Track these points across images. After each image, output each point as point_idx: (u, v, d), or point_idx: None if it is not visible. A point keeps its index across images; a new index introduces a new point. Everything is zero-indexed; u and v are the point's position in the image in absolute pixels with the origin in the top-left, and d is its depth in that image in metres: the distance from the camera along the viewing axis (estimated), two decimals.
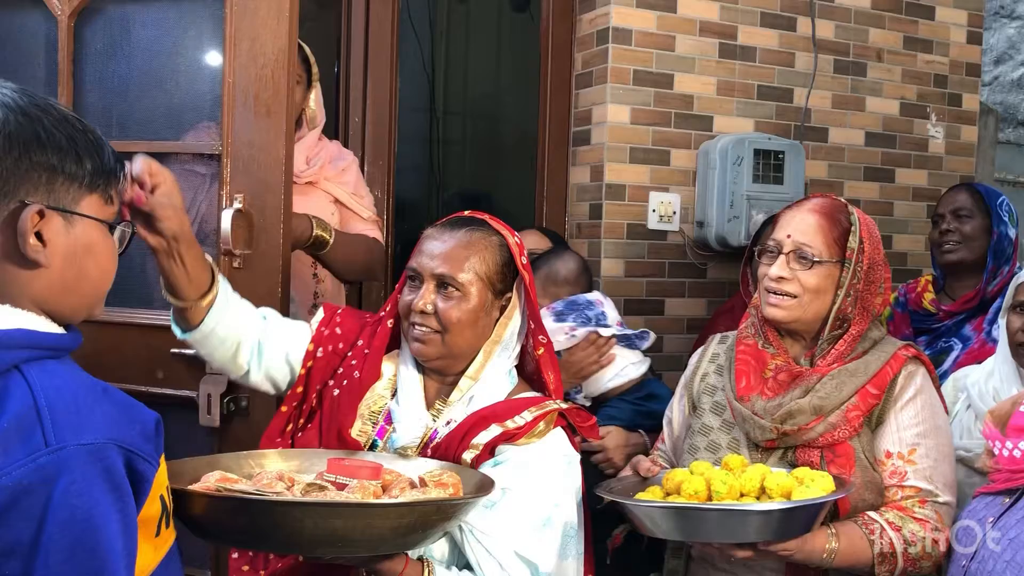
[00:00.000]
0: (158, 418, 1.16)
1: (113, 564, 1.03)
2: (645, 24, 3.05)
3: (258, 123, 2.07)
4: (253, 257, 2.08)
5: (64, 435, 1.01)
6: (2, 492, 0.99)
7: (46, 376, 1.06)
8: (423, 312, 1.62)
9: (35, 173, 1.09)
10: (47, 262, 1.11)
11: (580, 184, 3.16)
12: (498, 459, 1.59)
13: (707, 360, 1.96)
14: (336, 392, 1.69)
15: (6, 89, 1.12)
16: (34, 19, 2.34)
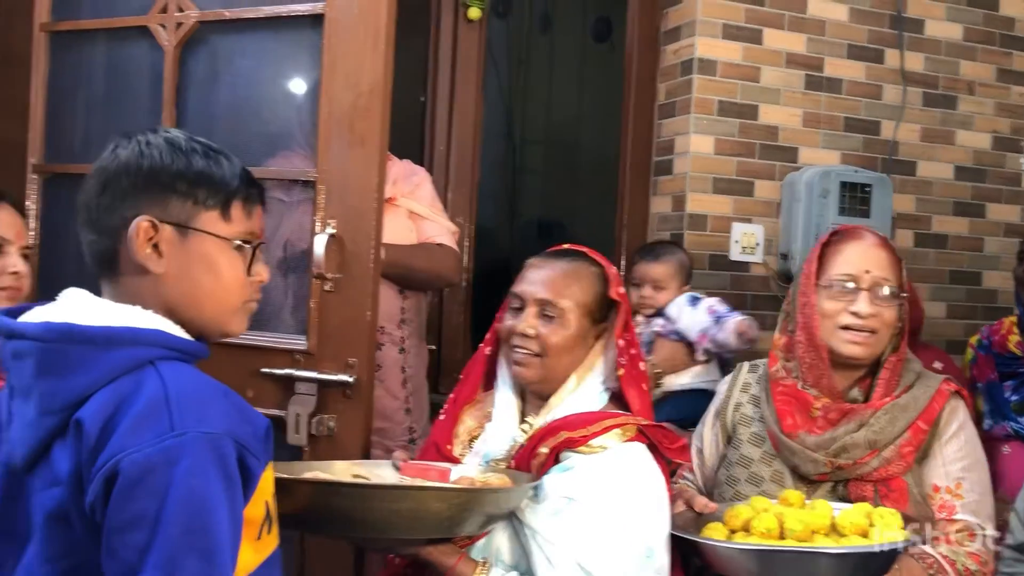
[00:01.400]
0: (268, 424, 1.26)
1: (222, 546, 1.12)
2: (730, 55, 3.05)
3: (353, 151, 2.12)
4: (344, 281, 2.13)
5: (188, 422, 1.12)
6: (133, 467, 1.10)
7: (176, 372, 1.18)
8: (524, 335, 1.69)
9: (152, 191, 1.24)
10: (159, 269, 1.24)
11: (661, 213, 3.16)
12: (564, 466, 1.62)
13: (738, 389, 1.93)
14: (442, 417, 1.81)
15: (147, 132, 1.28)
16: (142, 49, 2.44)
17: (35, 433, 1.19)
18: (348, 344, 2.13)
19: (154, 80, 2.40)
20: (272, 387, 2.20)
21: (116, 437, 1.12)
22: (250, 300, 1.34)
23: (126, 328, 1.20)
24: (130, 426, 1.13)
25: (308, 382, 2.14)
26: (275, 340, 2.21)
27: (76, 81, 2.62)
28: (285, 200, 2.31)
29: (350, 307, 2.13)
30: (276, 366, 2.18)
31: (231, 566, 1.14)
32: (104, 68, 2.61)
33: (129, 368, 1.17)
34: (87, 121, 2.67)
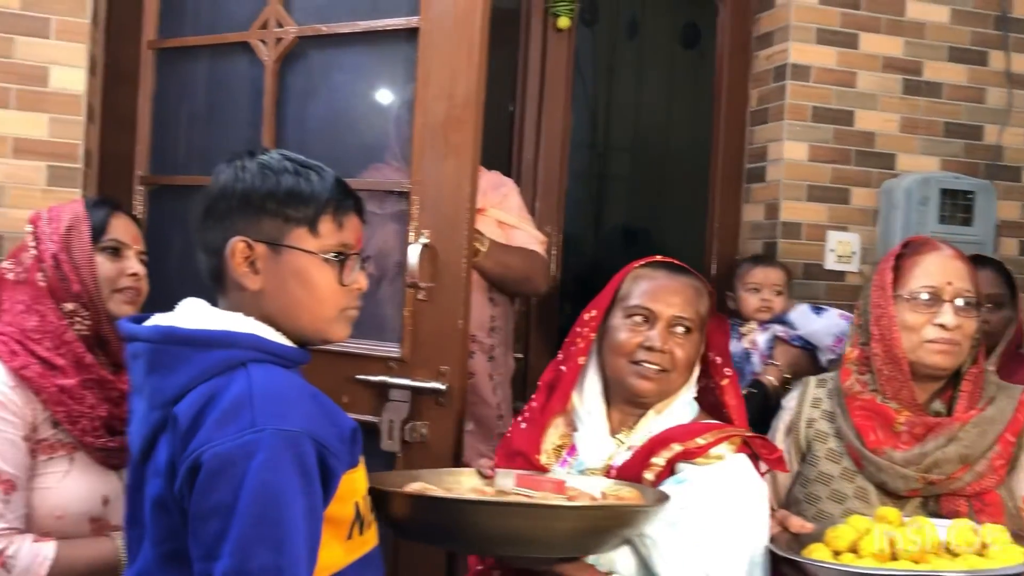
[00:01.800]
0: (355, 427, 1.32)
1: (293, 539, 1.17)
2: (825, 60, 3.00)
3: (446, 162, 2.14)
4: (437, 290, 2.15)
5: (267, 420, 1.19)
6: (214, 459, 1.18)
7: (264, 373, 1.26)
8: (655, 350, 1.68)
9: (246, 213, 1.33)
10: (255, 286, 1.33)
11: (753, 221, 3.11)
12: (679, 477, 1.63)
13: (809, 404, 1.88)
14: (523, 426, 1.79)
15: (244, 156, 1.38)
16: (243, 64, 2.52)
17: (145, 427, 1.29)
18: (440, 352, 2.16)
19: (254, 94, 2.48)
20: (366, 394, 2.24)
21: (203, 430, 1.20)
22: (348, 308, 1.40)
23: (222, 331, 1.28)
24: (215, 420, 1.20)
25: (401, 389, 2.18)
26: (370, 348, 2.25)
27: (180, 96, 2.72)
28: (379, 212, 2.36)
29: (443, 315, 2.16)
30: (370, 373, 2.22)
31: (304, 559, 1.19)
32: (206, 83, 2.70)
33: (223, 368, 1.25)
34: (190, 134, 2.77)
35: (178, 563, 1.22)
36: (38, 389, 1.69)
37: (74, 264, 1.76)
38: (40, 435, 1.70)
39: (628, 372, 1.70)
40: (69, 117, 2.52)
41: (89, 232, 1.79)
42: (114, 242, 1.82)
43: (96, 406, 1.73)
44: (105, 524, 1.75)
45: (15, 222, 2.48)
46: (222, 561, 1.15)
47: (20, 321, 1.73)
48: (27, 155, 2.49)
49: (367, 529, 1.35)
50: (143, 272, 1.85)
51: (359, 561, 1.31)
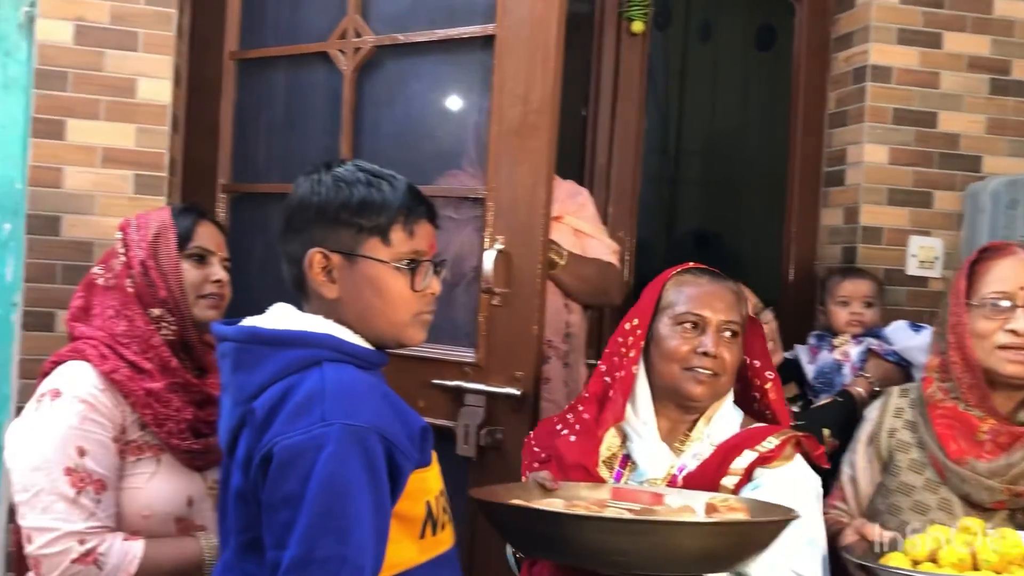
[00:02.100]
0: (425, 427, 1.37)
1: (358, 531, 1.21)
2: (907, 61, 2.92)
3: (521, 168, 2.16)
4: (512, 296, 2.17)
5: (336, 415, 1.24)
6: (284, 451, 1.23)
7: (338, 372, 1.31)
8: (709, 356, 1.70)
9: (322, 224, 1.39)
10: (332, 295, 1.38)
11: (832, 226, 3.05)
12: (756, 483, 1.65)
13: (891, 415, 1.85)
14: (572, 438, 1.75)
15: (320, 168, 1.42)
16: (321, 74, 2.57)
17: (230, 422, 1.35)
18: (515, 357, 2.17)
19: (332, 103, 2.52)
20: (442, 398, 2.26)
21: (276, 424, 1.26)
22: (422, 312, 1.44)
23: (300, 331, 1.34)
24: (288, 414, 1.26)
25: (477, 394, 2.20)
26: (446, 352, 2.28)
27: (260, 105, 2.78)
28: (455, 217, 2.38)
29: (517, 321, 2.17)
30: (446, 378, 2.24)
31: (370, 551, 1.22)
32: (286, 92, 2.76)
33: (300, 366, 1.30)
34: (270, 143, 2.83)
35: (257, 552, 1.27)
36: (127, 392, 1.74)
37: (161, 271, 1.81)
38: (128, 437, 1.76)
39: (683, 378, 1.71)
40: (155, 127, 2.60)
41: (175, 240, 1.84)
42: (199, 249, 1.87)
43: (181, 409, 1.78)
44: (190, 524, 1.80)
45: (105, 229, 2.56)
46: (290, 550, 1.20)
47: (110, 326, 1.79)
48: (115, 164, 2.58)
49: (441, 530, 1.38)
50: (226, 278, 1.90)
51: (433, 561, 1.34)
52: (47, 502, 1.64)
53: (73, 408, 1.70)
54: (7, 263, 2.68)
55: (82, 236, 2.56)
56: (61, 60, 2.55)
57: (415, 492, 1.31)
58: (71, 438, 1.68)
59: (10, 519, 1.78)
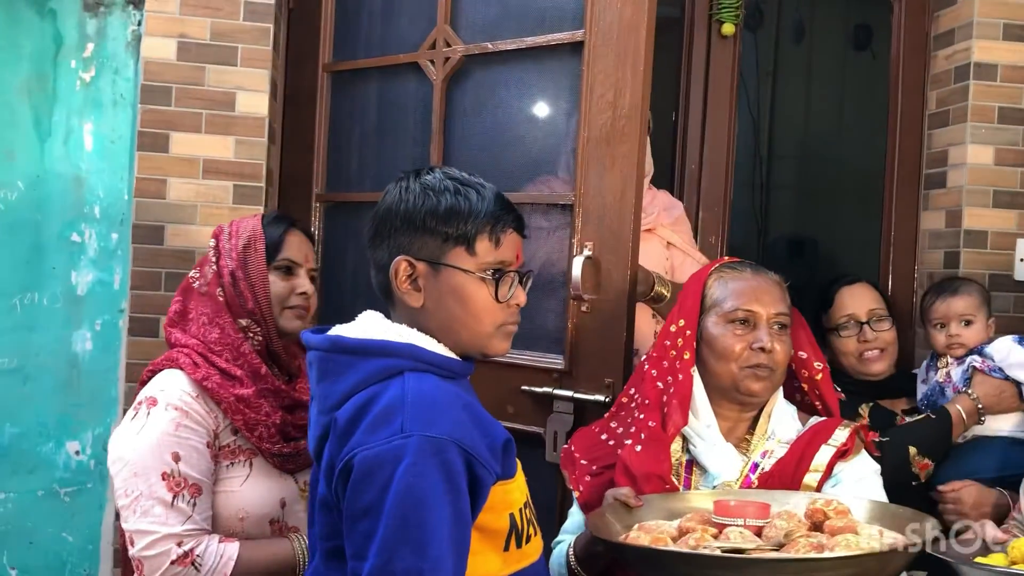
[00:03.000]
0: (508, 438, 1.35)
1: (436, 542, 1.20)
2: (1013, 58, 2.81)
3: (610, 174, 2.15)
4: (600, 302, 2.15)
5: (415, 426, 1.24)
6: (364, 462, 1.23)
7: (419, 382, 1.30)
8: (766, 351, 1.69)
9: (409, 232, 1.38)
10: (416, 303, 1.37)
11: (933, 230, 2.95)
12: (836, 478, 1.64)
13: None
14: (638, 448, 1.71)
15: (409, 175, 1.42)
16: (412, 83, 2.61)
17: (316, 431, 1.36)
18: (604, 364, 2.16)
19: (423, 112, 2.56)
20: (531, 405, 2.27)
21: (357, 434, 1.26)
22: (506, 323, 1.42)
23: (382, 341, 1.34)
24: (369, 424, 1.25)
25: (565, 401, 2.19)
26: (535, 359, 2.28)
27: (353, 116, 2.84)
28: (545, 224, 2.38)
29: (606, 328, 2.16)
30: (536, 384, 2.24)
31: (450, 564, 1.21)
32: (378, 102, 2.81)
33: (383, 376, 1.30)
34: (363, 152, 2.89)
35: (340, 561, 1.28)
36: (218, 398, 1.78)
37: (250, 282, 1.86)
38: (222, 442, 1.80)
39: (742, 376, 1.70)
40: (253, 139, 2.68)
41: (264, 251, 1.88)
42: (287, 261, 1.91)
43: (271, 414, 1.82)
44: (283, 526, 1.84)
45: (206, 239, 2.61)
46: (369, 561, 1.20)
47: (204, 333, 1.85)
48: (215, 175, 2.67)
49: (527, 542, 1.36)
50: (312, 290, 1.93)
51: (519, 573, 1.33)
52: (146, 506, 1.69)
53: (168, 415, 1.75)
54: (115, 271, 2.80)
55: (184, 245, 2.65)
56: (165, 76, 2.65)
57: (498, 504, 1.30)
58: (166, 444, 1.73)
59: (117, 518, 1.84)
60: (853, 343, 2.38)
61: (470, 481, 1.25)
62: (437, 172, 1.42)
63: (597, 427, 1.85)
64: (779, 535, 1.34)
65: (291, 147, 2.87)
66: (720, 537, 1.38)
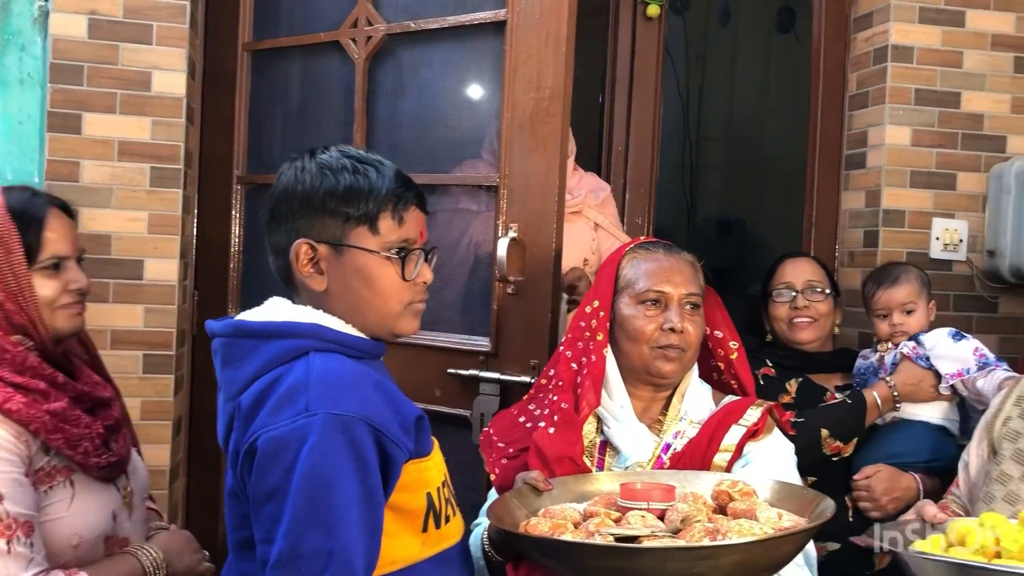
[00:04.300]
0: (421, 415, 1.33)
1: (346, 522, 1.18)
2: (928, 40, 2.87)
3: (534, 155, 2.14)
4: (526, 284, 2.15)
5: (320, 404, 1.21)
6: (268, 444, 1.20)
7: (325, 361, 1.27)
8: (676, 331, 1.69)
9: (308, 214, 1.34)
10: (320, 287, 1.34)
11: (853, 210, 3.01)
12: (746, 458, 1.64)
13: (1011, 403, 1.79)
14: (551, 430, 1.70)
15: (304, 155, 1.38)
16: (334, 63, 2.56)
17: (222, 419, 1.33)
18: (529, 346, 2.16)
19: (345, 92, 2.52)
20: (458, 387, 2.26)
21: (260, 416, 1.23)
22: (413, 302, 1.39)
23: (285, 323, 1.31)
24: (272, 406, 1.23)
25: (491, 383, 2.18)
26: (461, 342, 2.27)
27: (275, 96, 2.78)
28: (470, 207, 2.37)
29: (531, 309, 2.15)
30: (462, 367, 2.23)
31: (361, 544, 1.19)
32: (300, 82, 2.75)
33: (287, 357, 1.27)
34: (285, 133, 2.83)
35: (252, 550, 1.25)
36: (27, 419, 1.53)
37: (13, 299, 1.59)
38: (36, 465, 1.56)
39: (653, 357, 1.70)
40: (170, 120, 2.60)
41: (23, 254, 1.59)
42: (53, 259, 1.63)
43: (91, 424, 1.63)
44: (116, 540, 1.66)
45: (123, 222, 2.58)
46: (277, 544, 1.17)
47: None
48: (131, 157, 2.59)
49: (446, 523, 1.34)
50: (85, 280, 1.69)
51: (439, 556, 1.31)
52: None
53: None
54: None
55: (100, 230, 2.57)
56: (76, 54, 2.55)
57: (413, 483, 1.28)
58: None
59: None
60: (785, 309, 2.43)
61: (381, 459, 1.23)
62: (333, 151, 1.38)
63: (516, 409, 1.84)
64: (677, 520, 1.34)
65: (211, 128, 2.80)
66: (621, 522, 1.37)
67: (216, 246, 2.76)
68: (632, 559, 1.26)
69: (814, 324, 2.40)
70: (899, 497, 2.12)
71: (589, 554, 1.29)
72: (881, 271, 2.48)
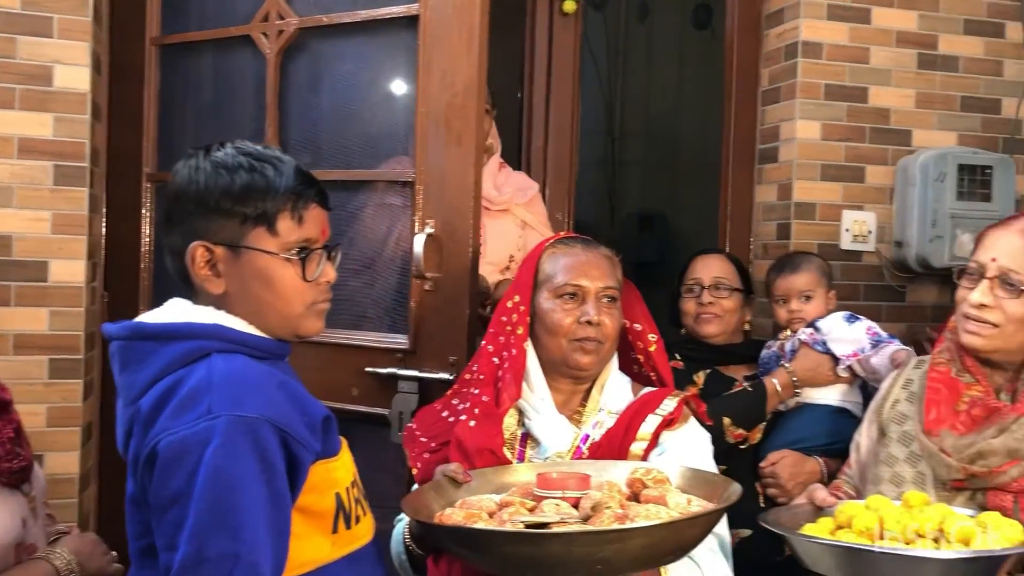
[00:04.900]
0: (328, 415, 1.30)
1: (252, 525, 1.15)
2: (837, 37, 2.94)
3: (449, 151, 2.13)
4: (443, 280, 2.14)
5: (223, 406, 1.18)
6: (169, 448, 1.17)
7: (227, 362, 1.24)
8: (593, 324, 1.71)
9: (203, 215, 1.30)
10: (217, 290, 1.30)
11: (766, 203, 3.07)
12: (662, 447, 1.67)
13: (899, 386, 1.84)
14: (472, 423, 1.71)
15: (199, 153, 1.33)
16: (245, 57, 2.51)
17: (122, 425, 1.29)
18: (448, 342, 2.15)
19: (258, 87, 2.47)
20: (376, 386, 2.23)
21: (161, 420, 1.20)
22: (317, 302, 1.36)
23: (185, 324, 1.27)
24: (174, 410, 1.19)
25: (410, 380, 2.17)
26: (378, 340, 2.25)
27: (185, 91, 2.71)
28: (390, 204, 2.34)
29: (449, 306, 2.14)
30: (380, 365, 2.21)
31: (268, 547, 1.16)
32: (211, 78, 2.69)
33: (188, 359, 1.24)
34: (196, 130, 2.76)
35: (154, 558, 1.21)
36: None
37: None
38: None
39: (570, 350, 1.72)
40: (74, 116, 2.51)
41: None
42: None
43: (3, 428, 1.62)
44: (25, 547, 1.66)
45: (25, 222, 2.49)
46: (180, 550, 1.14)
47: None
48: (33, 155, 2.49)
49: (356, 523, 1.33)
50: None
51: (350, 556, 1.30)
52: None
53: None
54: None
55: (1, 230, 2.47)
56: None
57: (321, 484, 1.27)
58: None
59: None
60: (693, 304, 2.48)
61: (287, 460, 1.21)
62: (229, 147, 1.33)
63: (439, 404, 1.84)
64: (589, 507, 1.35)
65: (118, 124, 2.71)
66: (536, 510, 1.38)
67: (126, 246, 2.68)
68: (539, 545, 1.27)
69: (718, 320, 2.44)
70: (804, 482, 2.17)
71: (498, 541, 1.30)
72: (782, 259, 2.54)
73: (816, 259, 2.51)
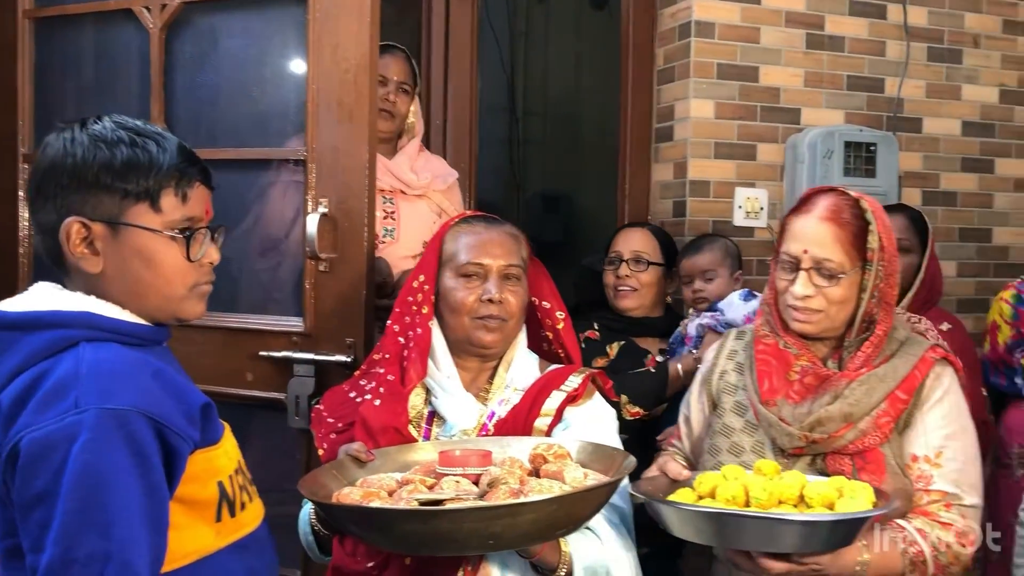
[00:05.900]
0: (207, 403, 1.26)
1: (124, 522, 1.11)
2: (728, 17, 2.99)
3: (341, 128, 2.09)
4: (338, 261, 2.10)
5: (91, 399, 1.13)
6: (33, 445, 1.12)
7: (97, 352, 1.18)
8: (495, 302, 1.71)
9: (80, 190, 1.23)
10: (95, 269, 1.24)
11: (663, 181, 3.11)
12: (566, 422, 1.69)
13: (724, 357, 1.88)
14: (377, 402, 1.71)
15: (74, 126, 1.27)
16: (127, 33, 2.41)
17: None
18: (345, 324, 2.12)
19: (142, 64, 2.37)
20: (271, 370, 2.19)
21: (24, 415, 1.14)
22: (199, 284, 1.32)
23: (50, 312, 1.21)
24: (38, 404, 1.14)
25: (306, 364, 2.13)
26: (272, 323, 2.20)
27: (63, 68, 2.59)
28: (282, 182, 2.29)
29: (345, 287, 2.11)
30: (274, 348, 2.17)
31: (143, 543, 1.13)
32: (91, 54, 2.57)
33: (54, 350, 1.18)
34: (78, 108, 2.64)
35: (20, 560, 1.16)
36: None
37: None
38: None
39: (473, 327, 1.73)
40: None
41: None
42: None
43: None
44: None
45: None
46: (46, 552, 1.09)
47: None
48: None
49: (242, 510, 1.30)
50: None
51: (236, 544, 1.27)
52: None
53: None
54: None
55: None
56: None
57: (202, 473, 1.23)
58: None
59: None
60: (611, 276, 2.52)
61: (163, 452, 1.17)
62: (107, 121, 1.27)
63: (347, 385, 1.82)
64: (487, 483, 1.36)
65: None
66: (435, 488, 1.38)
67: (3, 230, 2.55)
68: (430, 522, 1.28)
69: (635, 293, 2.48)
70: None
71: (391, 519, 1.30)
72: (692, 241, 2.58)
73: (721, 240, 2.56)
